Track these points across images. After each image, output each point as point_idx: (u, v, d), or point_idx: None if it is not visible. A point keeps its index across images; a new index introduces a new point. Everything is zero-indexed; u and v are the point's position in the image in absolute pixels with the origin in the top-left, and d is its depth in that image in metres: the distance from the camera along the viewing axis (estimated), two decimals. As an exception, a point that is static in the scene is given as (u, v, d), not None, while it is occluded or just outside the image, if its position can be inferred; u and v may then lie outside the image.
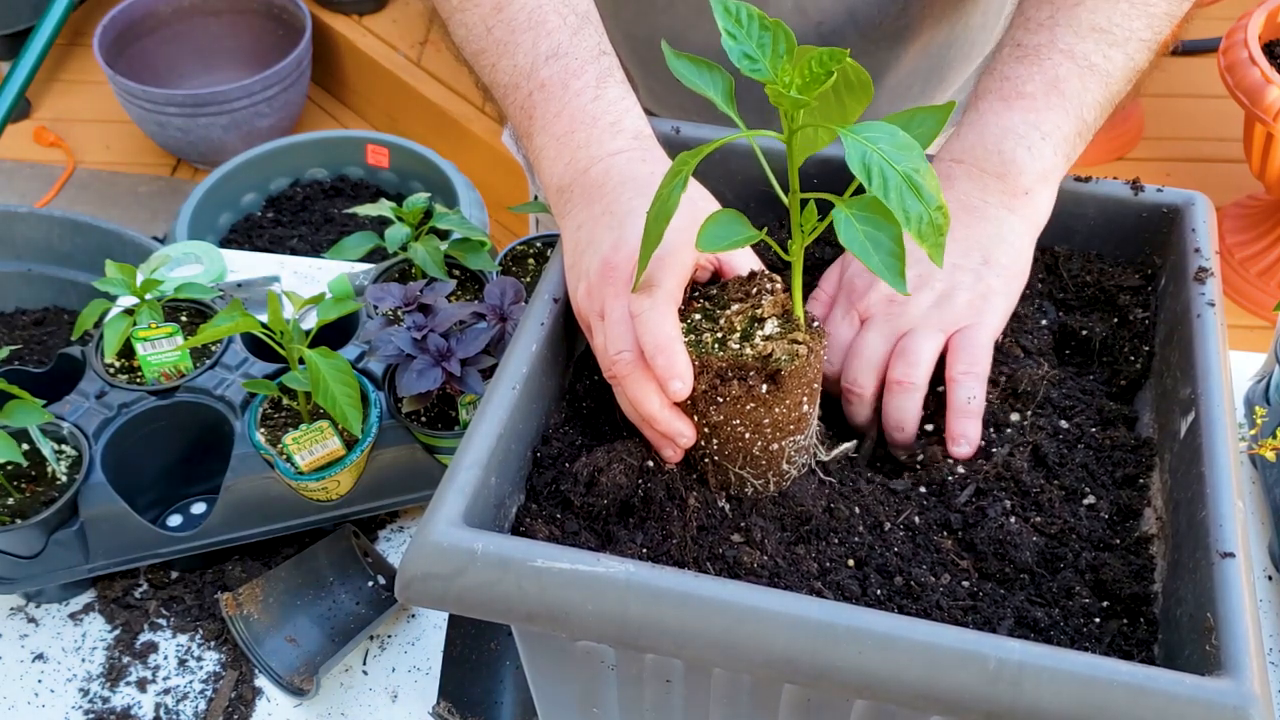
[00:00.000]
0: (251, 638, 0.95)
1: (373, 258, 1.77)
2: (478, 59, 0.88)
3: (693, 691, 0.67)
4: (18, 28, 3.12)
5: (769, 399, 0.70)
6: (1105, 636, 0.68)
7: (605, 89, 0.83)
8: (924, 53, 1.08)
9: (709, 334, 0.72)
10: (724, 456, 0.73)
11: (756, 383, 0.70)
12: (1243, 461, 1.00)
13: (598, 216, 0.78)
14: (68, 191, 2.96)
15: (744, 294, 0.74)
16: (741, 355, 0.70)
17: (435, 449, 1.03)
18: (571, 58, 0.83)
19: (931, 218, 0.59)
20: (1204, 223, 0.84)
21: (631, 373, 0.72)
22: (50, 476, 0.99)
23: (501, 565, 0.62)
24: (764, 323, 0.72)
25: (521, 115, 0.85)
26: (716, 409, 0.71)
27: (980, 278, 0.80)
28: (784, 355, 0.70)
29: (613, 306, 0.74)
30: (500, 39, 0.85)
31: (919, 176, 0.59)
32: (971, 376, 0.78)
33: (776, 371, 0.70)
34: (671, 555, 0.70)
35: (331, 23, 3.11)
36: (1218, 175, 2.71)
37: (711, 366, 0.70)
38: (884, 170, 0.59)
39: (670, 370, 0.69)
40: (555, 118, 0.83)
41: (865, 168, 0.59)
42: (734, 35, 0.63)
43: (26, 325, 2.15)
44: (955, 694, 0.58)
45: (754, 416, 0.71)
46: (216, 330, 0.94)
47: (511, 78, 0.85)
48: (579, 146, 0.81)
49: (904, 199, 0.59)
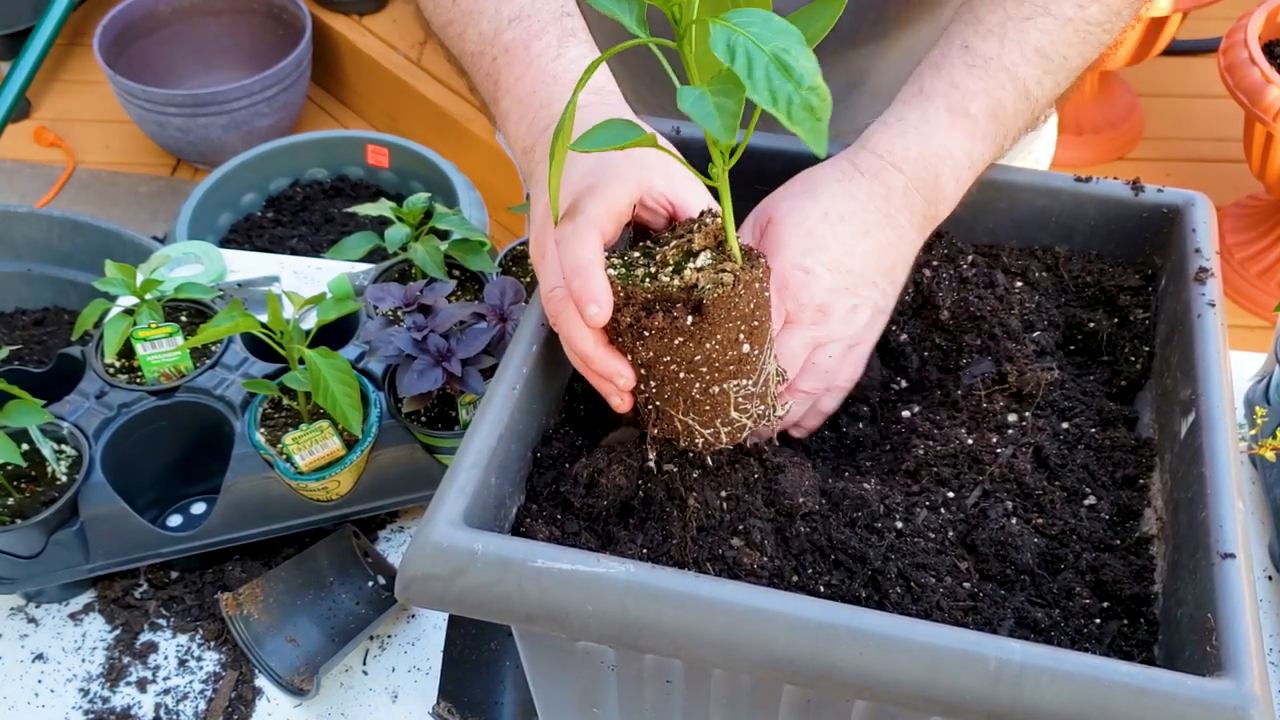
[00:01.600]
0: (251, 638, 0.95)
1: (373, 258, 1.77)
2: (446, 30, 0.88)
3: (693, 692, 0.67)
4: (18, 28, 3.12)
5: (696, 332, 0.67)
6: (1106, 637, 0.68)
7: (566, 48, 0.83)
8: (904, 57, 1.08)
9: (641, 269, 0.70)
10: (665, 401, 0.71)
11: (681, 314, 0.67)
12: (1243, 461, 1.00)
13: None
14: (68, 191, 2.96)
15: (685, 231, 0.72)
16: (666, 286, 0.68)
17: (435, 449, 1.03)
18: (533, 19, 0.83)
19: (804, 98, 0.55)
20: (1204, 223, 0.84)
21: (563, 308, 0.71)
22: (50, 476, 0.99)
23: (501, 566, 0.62)
24: (697, 255, 0.69)
25: (487, 81, 0.85)
26: (644, 344, 0.69)
27: (884, 294, 0.82)
28: (708, 284, 0.67)
29: (548, 245, 0.73)
30: (465, 8, 0.85)
31: (788, 56, 0.56)
32: (844, 390, 0.83)
33: (701, 301, 0.67)
34: (671, 556, 0.70)
35: (331, 23, 3.11)
36: (1218, 175, 2.71)
37: (636, 298, 0.68)
38: (749, 50, 0.56)
39: (585, 293, 0.67)
40: (518, 80, 0.82)
41: (729, 49, 0.56)
42: None
43: (26, 325, 2.15)
44: (956, 695, 0.58)
45: (684, 352, 0.68)
46: (216, 330, 0.94)
47: (477, 45, 0.85)
48: (540, 106, 0.81)
49: (771, 79, 0.55)
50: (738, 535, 0.71)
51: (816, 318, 0.79)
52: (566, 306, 0.70)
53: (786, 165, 0.88)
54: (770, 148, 0.89)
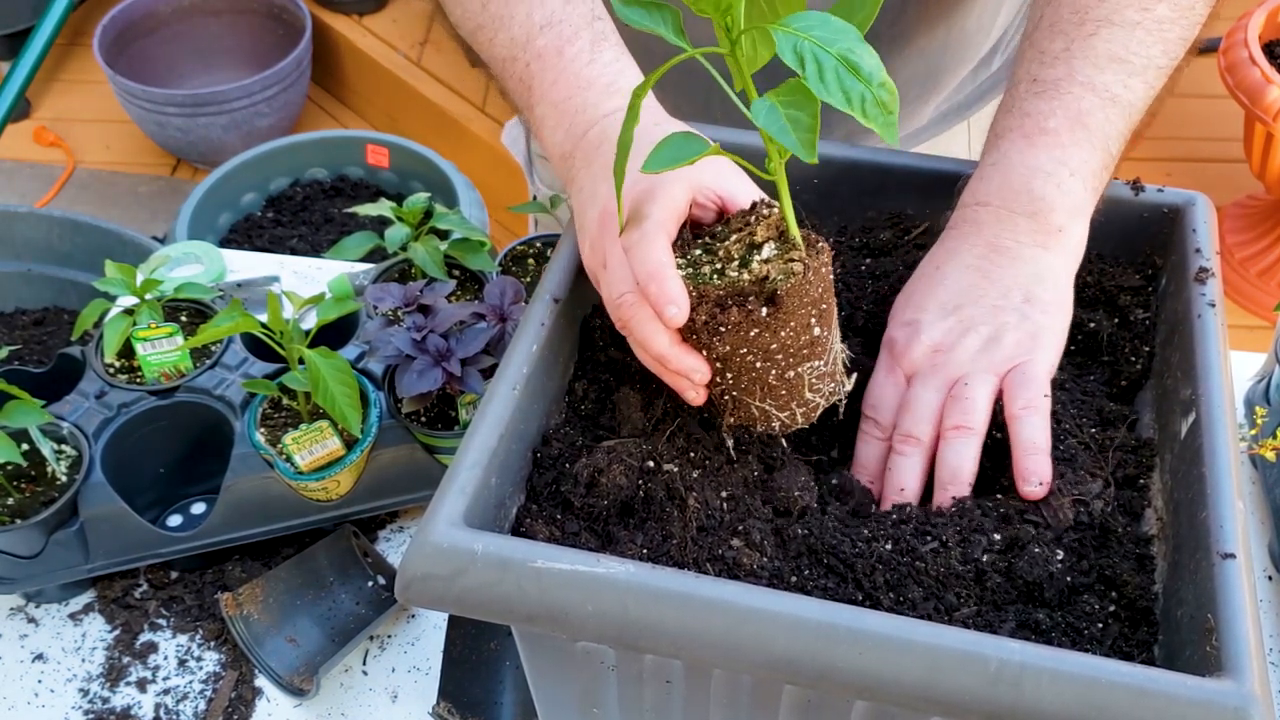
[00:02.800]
0: (251, 638, 0.95)
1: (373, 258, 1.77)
2: (475, 36, 0.87)
3: (693, 692, 0.67)
4: (18, 28, 3.12)
5: (771, 322, 0.69)
6: (1106, 638, 0.68)
7: (600, 52, 0.83)
8: (920, 57, 1.08)
9: (708, 266, 0.71)
10: (742, 390, 0.72)
11: (755, 307, 0.69)
12: (1243, 462, 1.00)
13: (596, 175, 0.78)
14: (68, 191, 2.96)
15: (743, 224, 0.73)
16: (739, 281, 0.69)
17: (435, 449, 1.03)
18: (565, 25, 0.83)
19: (875, 95, 0.58)
20: (1204, 223, 0.84)
21: (636, 313, 0.71)
22: (50, 476, 0.99)
23: (501, 566, 0.62)
24: (761, 247, 0.71)
25: (520, 87, 0.85)
26: (720, 339, 0.70)
27: (1025, 316, 0.78)
28: (779, 275, 0.68)
29: (613, 252, 0.74)
30: (495, 13, 0.85)
31: (855, 56, 0.58)
32: (1031, 411, 0.75)
33: (774, 293, 0.68)
34: (671, 556, 0.70)
35: (331, 23, 3.11)
36: (1218, 175, 2.71)
37: (709, 296, 0.69)
38: (817, 55, 0.58)
39: (663, 296, 0.68)
40: (552, 85, 0.82)
41: (798, 56, 0.58)
42: None
43: (26, 325, 2.14)
44: (956, 695, 0.58)
45: (760, 343, 0.70)
46: (216, 330, 0.94)
47: (508, 50, 0.84)
48: (576, 111, 0.81)
49: (842, 81, 0.58)
50: (737, 535, 0.71)
51: (934, 359, 0.78)
52: (638, 310, 0.71)
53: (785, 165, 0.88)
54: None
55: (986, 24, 1.11)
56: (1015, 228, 0.80)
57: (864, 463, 0.80)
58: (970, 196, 0.83)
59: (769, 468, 0.77)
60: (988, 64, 1.16)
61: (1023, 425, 0.75)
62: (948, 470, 0.76)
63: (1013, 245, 0.80)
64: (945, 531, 0.72)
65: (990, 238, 0.80)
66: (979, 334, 0.78)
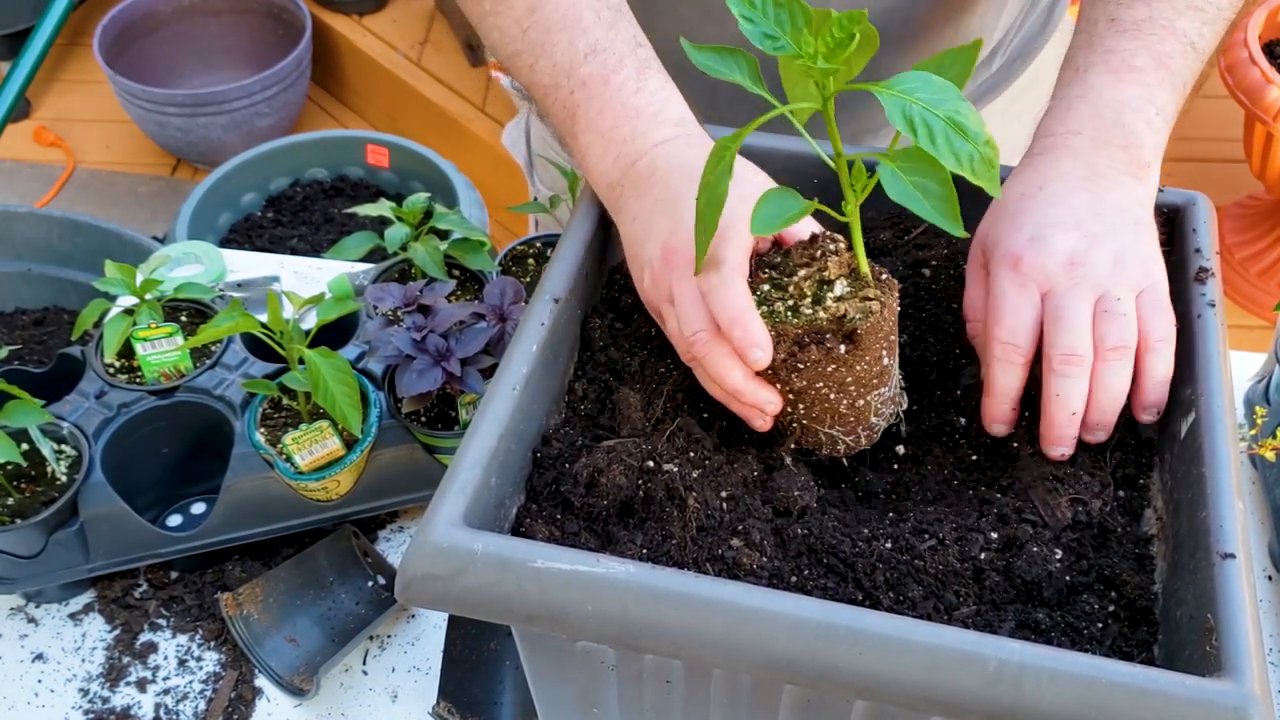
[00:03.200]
0: (251, 638, 0.95)
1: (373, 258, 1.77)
2: (514, 61, 0.87)
3: (693, 692, 0.67)
4: (18, 28, 3.12)
5: (849, 358, 0.71)
6: (1106, 637, 0.68)
7: (645, 80, 0.83)
8: (929, 55, 1.09)
9: (780, 302, 0.73)
10: (812, 419, 0.74)
11: (834, 344, 0.71)
12: (1243, 461, 1.00)
13: (651, 207, 0.79)
14: (68, 191, 2.96)
15: (809, 258, 0.74)
16: (816, 319, 0.71)
17: (435, 449, 1.03)
18: (610, 53, 0.83)
19: (981, 153, 0.60)
20: (1204, 223, 0.84)
21: (710, 350, 0.73)
22: (50, 476, 0.99)
23: (501, 566, 0.62)
24: (832, 284, 0.73)
25: (564, 114, 0.85)
26: (799, 375, 0.72)
27: (1139, 239, 0.77)
28: (858, 314, 0.71)
29: (681, 289, 0.75)
30: (536, 40, 0.85)
31: (961, 118, 0.60)
32: (1167, 343, 0.74)
33: (853, 331, 0.70)
34: (671, 556, 0.70)
35: (331, 23, 3.11)
36: (1218, 175, 2.71)
37: (788, 334, 0.71)
38: (926, 118, 0.60)
39: (747, 340, 0.70)
40: (599, 114, 0.83)
41: (907, 120, 0.60)
42: (751, 19, 0.64)
43: (26, 325, 2.14)
44: (956, 695, 0.58)
45: (836, 377, 0.72)
46: (216, 330, 0.94)
47: (551, 78, 0.84)
48: (624, 140, 0.82)
49: (951, 142, 0.60)
50: (737, 535, 0.71)
51: (1073, 272, 0.74)
52: (713, 349, 0.73)
53: (786, 164, 0.88)
54: (769, 147, 0.89)
55: (990, 24, 1.11)
56: (1111, 157, 0.79)
57: (1007, 392, 0.76)
58: (1059, 125, 0.82)
59: (769, 468, 0.77)
60: (989, 64, 1.17)
61: (1158, 358, 0.74)
62: (1108, 395, 0.73)
63: (1111, 172, 0.79)
64: (943, 529, 0.72)
65: (1089, 162, 0.79)
66: (1108, 249, 0.75)
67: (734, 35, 1.07)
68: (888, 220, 0.93)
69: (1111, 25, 0.84)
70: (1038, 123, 0.85)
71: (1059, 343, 0.73)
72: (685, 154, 0.80)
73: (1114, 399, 0.74)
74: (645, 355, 0.82)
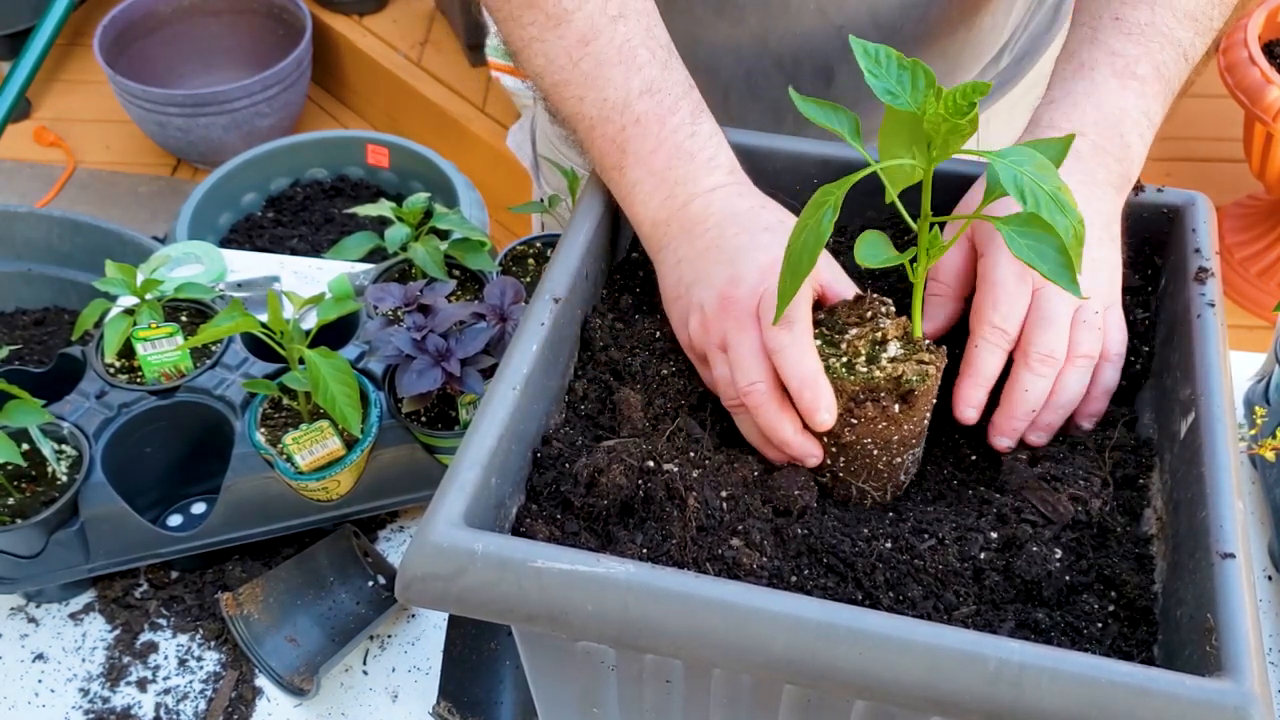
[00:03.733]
0: (251, 638, 0.95)
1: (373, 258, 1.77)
2: (559, 90, 0.87)
3: (693, 691, 0.67)
4: (18, 28, 3.12)
5: (900, 417, 0.73)
6: (1105, 637, 0.68)
7: (699, 124, 0.84)
8: (941, 56, 1.09)
9: (834, 359, 0.75)
10: (849, 473, 0.76)
11: (889, 403, 0.73)
12: (1243, 461, 1.00)
13: (702, 251, 0.80)
14: (68, 191, 2.96)
15: (858, 318, 0.76)
16: (873, 379, 0.73)
17: (435, 449, 1.03)
18: (665, 93, 0.84)
19: (1076, 230, 0.65)
20: (1204, 223, 0.84)
21: (766, 403, 0.74)
22: (50, 476, 0.99)
23: (501, 566, 0.62)
24: (886, 345, 0.74)
25: (612, 148, 0.85)
26: (850, 430, 0.74)
27: (1113, 253, 0.81)
28: (915, 376, 0.73)
29: (740, 339, 0.75)
30: (588, 72, 0.84)
31: (1061, 195, 0.65)
32: (1120, 358, 0.80)
33: (909, 391, 0.73)
34: (671, 556, 0.70)
35: (331, 23, 3.11)
36: (1218, 175, 2.71)
37: (846, 390, 0.73)
38: (1034, 189, 0.65)
39: (817, 403, 0.72)
40: (652, 154, 0.83)
41: (1019, 188, 0.65)
42: (875, 74, 0.69)
43: (26, 325, 2.15)
44: (956, 695, 0.58)
45: (885, 434, 0.74)
46: (216, 330, 0.94)
47: (601, 111, 0.84)
48: (677, 182, 0.82)
49: (1054, 214, 0.65)
50: (737, 535, 0.71)
51: None
52: (769, 401, 0.74)
53: (786, 164, 0.88)
54: (770, 147, 0.89)
55: (1000, 22, 1.12)
56: (1106, 167, 0.82)
57: (985, 372, 0.78)
58: (1064, 120, 0.83)
59: (768, 468, 0.77)
60: (997, 62, 1.17)
61: (1112, 369, 0.79)
62: (1065, 396, 0.78)
63: (1104, 183, 0.81)
64: (943, 529, 0.72)
65: (1088, 169, 0.81)
66: (1090, 259, 0.78)
67: (749, 35, 1.07)
68: (888, 220, 0.93)
69: (1116, 25, 0.85)
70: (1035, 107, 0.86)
71: (1041, 342, 0.77)
72: (738, 204, 0.81)
73: (1069, 401, 0.78)
74: (646, 355, 0.82)
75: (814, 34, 1.05)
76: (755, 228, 0.79)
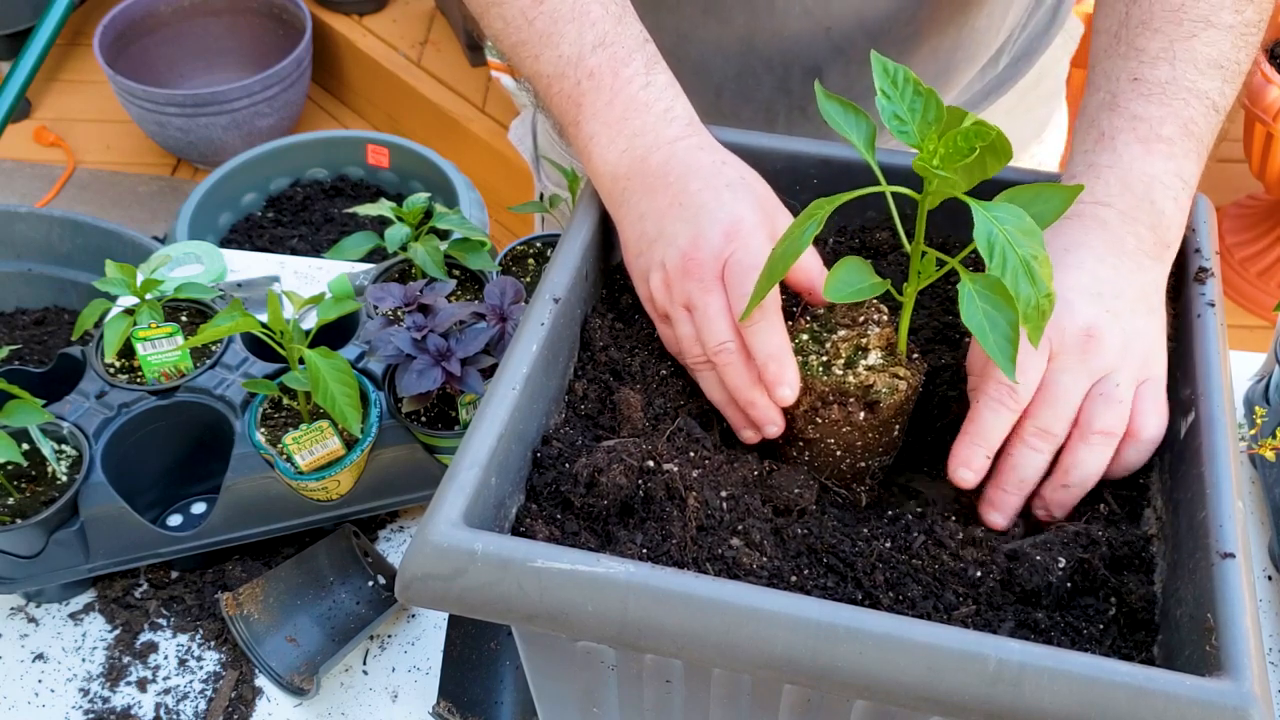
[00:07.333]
0: (251, 638, 0.95)
1: (373, 258, 1.77)
2: (518, 50, 0.87)
3: (693, 691, 0.67)
4: (18, 28, 3.12)
5: (864, 425, 0.74)
6: (1105, 637, 0.68)
7: (654, 75, 0.84)
8: (932, 57, 1.09)
9: (814, 356, 0.75)
10: (814, 468, 0.77)
11: (855, 409, 0.73)
12: (1243, 461, 1.00)
13: (665, 208, 0.79)
14: (68, 191, 2.96)
15: (851, 320, 0.76)
16: (844, 382, 0.74)
17: (435, 449, 1.03)
18: (619, 46, 0.84)
19: (1039, 303, 0.63)
20: (1204, 223, 0.84)
21: (734, 361, 0.75)
22: (50, 476, 0.99)
23: (501, 566, 0.62)
24: (868, 352, 0.75)
25: (568, 104, 0.85)
26: (814, 428, 0.75)
27: (1150, 325, 0.76)
28: (884, 388, 0.73)
29: (707, 301, 0.76)
30: (542, 30, 0.85)
31: (1035, 263, 0.63)
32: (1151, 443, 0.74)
33: (875, 402, 0.73)
34: (671, 556, 0.70)
35: (331, 23, 3.11)
36: (1218, 175, 2.71)
37: (815, 389, 0.74)
38: (1005, 251, 0.63)
39: (781, 376, 0.73)
40: (607, 105, 0.83)
41: (990, 245, 0.63)
42: (888, 95, 0.67)
43: (26, 325, 2.15)
44: (955, 695, 0.58)
45: (848, 438, 0.75)
46: (216, 330, 0.94)
47: (556, 67, 0.84)
48: (634, 134, 0.82)
49: (1019, 281, 0.63)
50: (737, 535, 0.71)
51: (1086, 344, 0.73)
52: (736, 360, 0.75)
53: (786, 164, 0.88)
54: (769, 147, 0.89)
55: (996, 23, 1.11)
56: (1139, 236, 0.78)
57: (988, 434, 0.74)
58: (1088, 194, 0.79)
59: (768, 468, 0.77)
60: (995, 63, 1.17)
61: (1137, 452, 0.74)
62: (1080, 474, 0.73)
63: (1136, 253, 0.77)
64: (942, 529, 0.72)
65: (1117, 238, 0.77)
66: (1122, 329, 0.74)
67: (736, 35, 1.06)
68: (888, 220, 0.93)
69: (1135, 86, 0.81)
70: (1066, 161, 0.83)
71: (1039, 415, 0.73)
72: (700, 157, 0.81)
73: (1086, 480, 0.74)
74: (645, 355, 0.82)
75: (801, 35, 1.04)
76: (718, 184, 0.78)
